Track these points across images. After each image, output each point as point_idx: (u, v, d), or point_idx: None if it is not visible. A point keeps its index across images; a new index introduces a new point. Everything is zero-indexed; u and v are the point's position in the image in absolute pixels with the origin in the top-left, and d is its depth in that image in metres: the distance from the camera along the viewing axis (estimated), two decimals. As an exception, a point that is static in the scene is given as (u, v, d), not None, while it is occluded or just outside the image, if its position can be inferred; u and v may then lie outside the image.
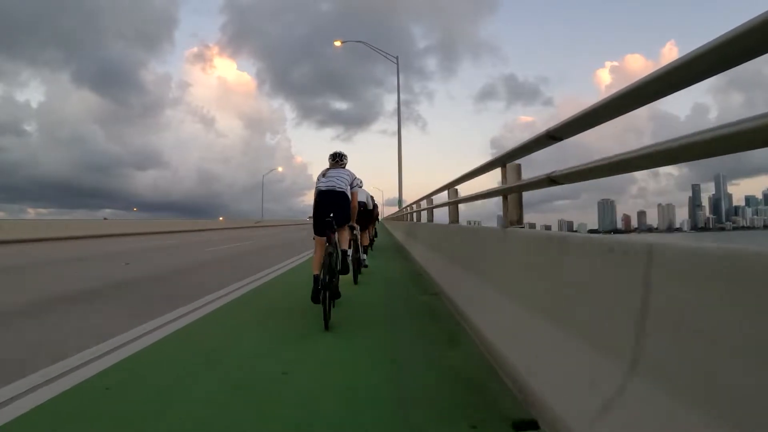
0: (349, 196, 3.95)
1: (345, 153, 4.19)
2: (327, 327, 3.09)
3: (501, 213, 3.01)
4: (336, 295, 3.59)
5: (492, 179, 3.72)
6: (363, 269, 6.03)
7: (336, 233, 3.67)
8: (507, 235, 2.75)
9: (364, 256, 6.48)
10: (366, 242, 6.91)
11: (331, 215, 3.61)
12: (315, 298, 3.27)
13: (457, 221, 5.38)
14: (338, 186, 3.84)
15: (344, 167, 4.14)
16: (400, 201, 19.06)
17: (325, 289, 3.16)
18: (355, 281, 5.34)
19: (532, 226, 5.13)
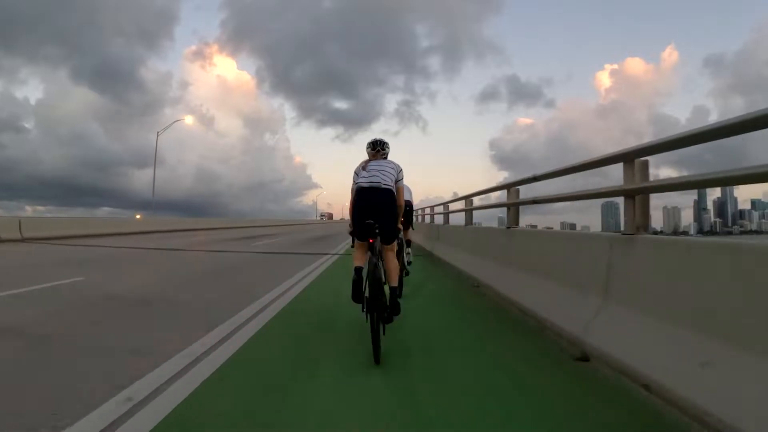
0: (396, 195, 3.19)
1: (387, 141, 3.41)
2: (378, 360, 2.49)
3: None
4: (387, 318, 2.80)
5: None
6: (404, 277, 4.74)
7: (379, 241, 2.98)
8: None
9: (409, 257, 5.32)
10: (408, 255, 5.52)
11: (373, 220, 2.91)
12: (356, 297, 2.74)
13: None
14: (384, 182, 3.09)
15: (386, 158, 3.36)
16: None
17: (370, 311, 2.59)
18: (400, 294, 4.41)
19: (534, 227, 5.57)
